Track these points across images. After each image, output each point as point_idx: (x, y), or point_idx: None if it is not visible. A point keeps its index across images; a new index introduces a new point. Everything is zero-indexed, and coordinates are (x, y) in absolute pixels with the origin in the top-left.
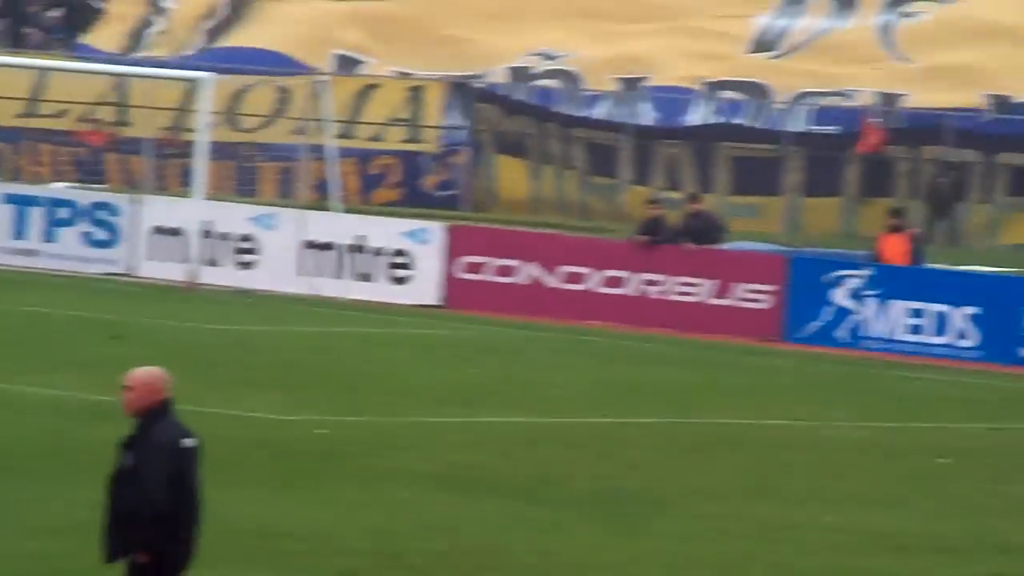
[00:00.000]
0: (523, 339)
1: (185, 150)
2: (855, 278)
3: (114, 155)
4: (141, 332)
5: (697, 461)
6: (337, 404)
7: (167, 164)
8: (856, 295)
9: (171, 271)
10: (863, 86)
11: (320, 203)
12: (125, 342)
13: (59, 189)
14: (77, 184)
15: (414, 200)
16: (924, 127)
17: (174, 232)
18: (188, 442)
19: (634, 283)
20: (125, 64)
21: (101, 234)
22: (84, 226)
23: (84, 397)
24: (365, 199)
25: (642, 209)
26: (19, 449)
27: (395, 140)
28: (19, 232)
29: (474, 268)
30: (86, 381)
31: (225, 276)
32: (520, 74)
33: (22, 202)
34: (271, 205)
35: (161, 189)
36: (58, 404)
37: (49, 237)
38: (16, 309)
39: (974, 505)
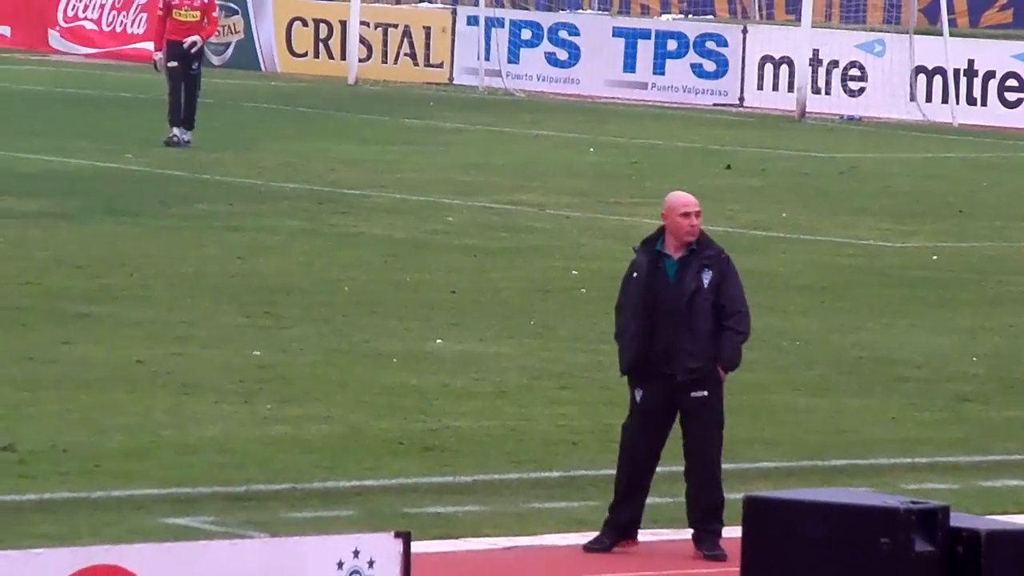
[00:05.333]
0: None
1: None
2: None
3: None
4: (751, 161)
5: None
6: (949, 230)
7: None
8: None
9: (779, 100)
10: None
11: (928, 27)
12: (736, 172)
13: (668, 21)
14: (684, 16)
15: None
16: None
17: (782, 61)
18: None
19: None
20: None
21: (710, 65)
22: (693, 57)
23: None
24: (974, 22)
25: None
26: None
27: None
28: (629, 65)
29: None
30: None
31: (833, 104)
32: None
33: (631, 35)
34: (878, 31)
35: (768, 18)
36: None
37: (658, 69)
38: (629, 141)
39: None
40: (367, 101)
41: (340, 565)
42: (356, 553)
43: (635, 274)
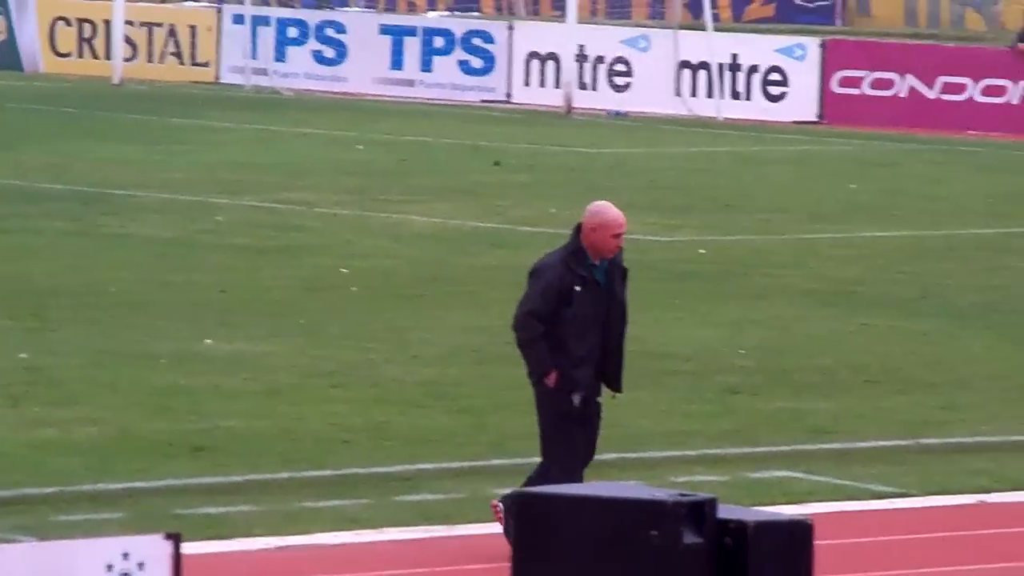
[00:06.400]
0: (902, 152)
1: None
2: None
3: None
4: (519, 157)
5: None
6: (715, 224)
7: None
8: None
9: (546, 96)
10: None
11: (692, 23)
12: (504, 168)
13: (435, 18)
14: (451, 13)
15: (786, 15)
16: None
17: (548, 57)
18: None
19: (1015, 92)
20: None
21: (477, 62)
22: (460, 54)
23: (467, 224)
24: (737, 16)
25: (1019, 18)
26: (403, 275)
27: None
28: (396, 63)
29: (850, 82)
30: (469, 208)
31: (600, 99)
32: None
33: (398, 32)
34: (643, 27)
35: (534, 14)
36: (441, 231)
37: (426, 67)
38: (398, 139)
39: None
40: (133, 100)
41: (110, 568)
42: (126, 555)
43: (577, 288)
